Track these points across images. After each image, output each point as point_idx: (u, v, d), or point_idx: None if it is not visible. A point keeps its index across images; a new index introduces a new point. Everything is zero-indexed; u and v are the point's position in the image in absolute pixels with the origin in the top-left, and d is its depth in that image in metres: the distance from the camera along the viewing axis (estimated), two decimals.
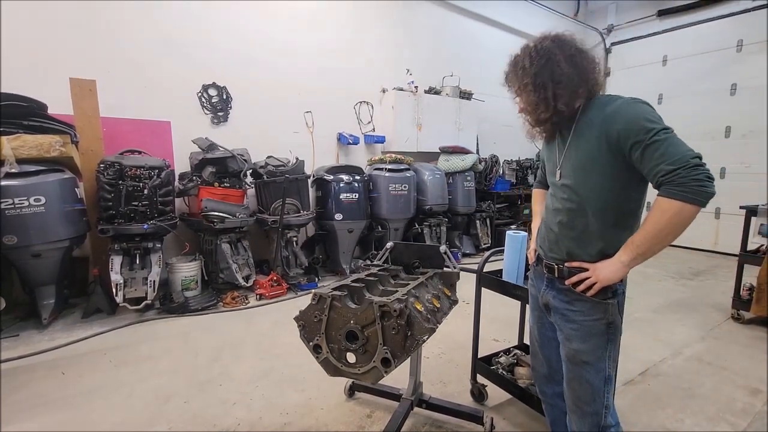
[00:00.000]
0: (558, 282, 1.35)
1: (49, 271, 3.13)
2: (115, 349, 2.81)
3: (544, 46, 1.25)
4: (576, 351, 1.30)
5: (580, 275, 1.26)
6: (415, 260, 2.02)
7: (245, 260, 4.03)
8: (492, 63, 6.83)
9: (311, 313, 1.45)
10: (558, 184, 1.34)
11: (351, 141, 5.25)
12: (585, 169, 1.24)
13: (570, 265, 1.30)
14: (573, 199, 1.28)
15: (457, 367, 2.59)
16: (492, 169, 6.31)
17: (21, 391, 2.27)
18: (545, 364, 1.53)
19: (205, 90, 4.36)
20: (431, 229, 5.22)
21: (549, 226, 1.38)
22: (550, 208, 1.38)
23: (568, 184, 1.29)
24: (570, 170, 1.28)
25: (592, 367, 1.28)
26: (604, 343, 1.28)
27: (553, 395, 1.55)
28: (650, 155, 1.10)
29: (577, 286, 1.27)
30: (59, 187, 3.01)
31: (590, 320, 1.27)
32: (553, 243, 1.36)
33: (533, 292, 1.51)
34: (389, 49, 5.72)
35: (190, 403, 2.19)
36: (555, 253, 1.35)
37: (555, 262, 1.34)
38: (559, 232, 1.33)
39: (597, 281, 1.22)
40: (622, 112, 1.16)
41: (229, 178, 3.99)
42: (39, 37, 3.50)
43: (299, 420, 2.05)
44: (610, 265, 1.21)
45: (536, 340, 1.53)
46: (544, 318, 1.47)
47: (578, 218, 1.27)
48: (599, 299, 1.26)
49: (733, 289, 3.47)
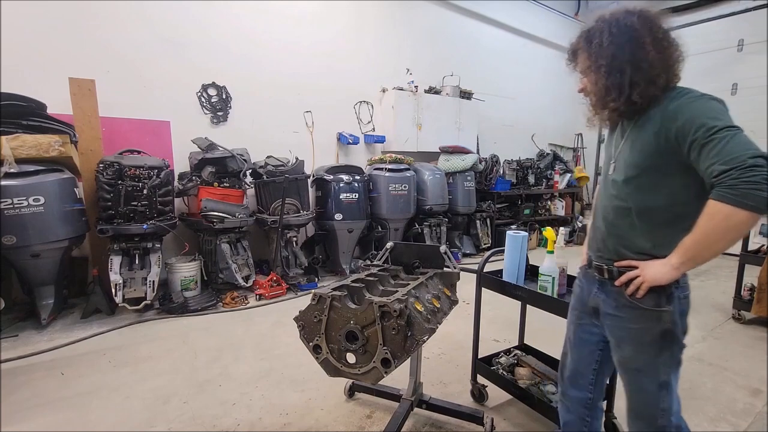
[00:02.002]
0: (609, 284, 1.26)
1: (49, 271, 3.13)
2: (115, 349, 2.81)
3: (628, 22, 1.10)
4: (626, 358, 1.24)
5: (628, 274, 1.18)
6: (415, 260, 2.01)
7: (245, 260, 4.02)
8: (492, 63, 6.85)
9: (311, 314, 1.45)
10: (609, 179, 1.25)
11: (351, 141, 5.24)
12: (638, 167, 1.15)
13: (619, 265, 1.22)
14: (622, 197, 1.20)
15: (457, 367, 2.58)
16: (492, 169, 6.30)
17: (20, 391, 2.27)
18: (572, 365, 1.45)
19: (204, 90, 4.36)
20: (431, 229, 5.21)
21: (596, 225, 1.31)
22: (599, 205, 1.30)
23: (619, 180, 1.20)
24: (623, 166, 1.19)
25: (644, 374, 1.22)
26: (657, 351, 1.19)
27: (574, 399, 1.47)
28: (706, 154, 0.99)
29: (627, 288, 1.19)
30: (58, 187, 3.01)
31: (640, 328, 1.19)
32: (600, 242, 1.28)
33: (577, 291, 1.43)
34: (389, 49, 5.71)
35: (190, 403, 2.18)
36: (603, 253, 1.28)
37: (604, 263, 1.27)
38: (606, 230, 1.26)
39: (644, 280, 1.14)
40: (684, 109, 1.06)
41: (228, 178, 3.99)
42: (38, 37, 3.49)
43: (299, 420, 2.04)
44: (659, 266, 1.13)
45: (570, 339, 1.46)
46: (584, 318, 1.40)
47: (626, 217, 1.20)
48: (650, 306, 1.17)
49: (733, 289, 3.46)
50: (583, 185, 7.78)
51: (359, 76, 5.47)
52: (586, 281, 1.38)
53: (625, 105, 1.14)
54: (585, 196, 8.14)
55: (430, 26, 6.11)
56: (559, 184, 7.10)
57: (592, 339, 1.38)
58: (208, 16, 4.28)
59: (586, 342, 1.39)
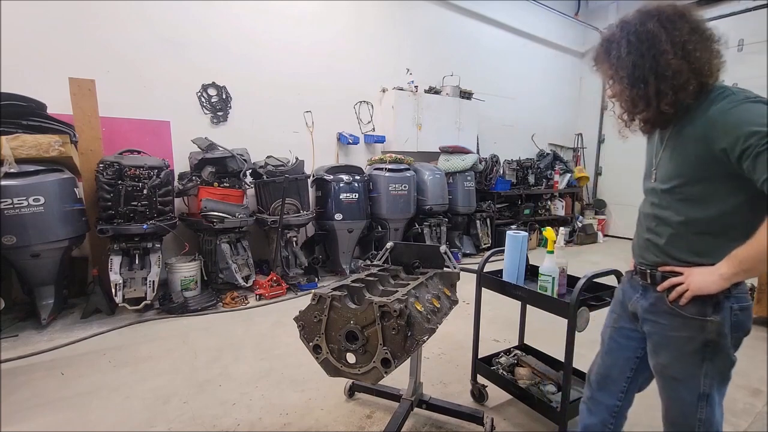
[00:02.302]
0: (651, 289, 1.22)
1: (48, 271, 3.13)
2: (115, 349, 2.81)
3: (647, 29, 1.05)
4: (662, 365, 1.20)
5: (672, 280, 1.14)
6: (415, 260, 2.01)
7: (245, 260, 4.02)
8: (492, 63, 6.84)
9: (311, 314, 1.45)
10: (650, 187, 1.22)
11: (351, 141, 5.24)
12: (681, 176, 1.10)
13: (663, 270, 1.18)
14: (663, 205, 1.16)
15: (457, 367, 2.58)
16: (492, 169, 6.30)
17: (20, 391, 2.27)
18: (604, 370, 1.40)
19: (204, 90, 4.36)
20: (431, 229, 5.21)
21: (639, 232, 1.29)
22: (642, 212, 1.28)
23: (661, 188, 1.16)
24: (664, 174, 1.15)
25: (681, 383, 1.16)
26: (699, 362, 1.13)
27: (600, 404, 1.41)
28: (763, 163, 0.93)
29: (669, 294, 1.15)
30: (58, 187, 3.01)
31: (680, 336, 1.15)
32: (644, 249, 1.26)
33: (619, 296, 1.39)
34: (389, 49, 5.71)
35: (190, 403, 2.18)
36: (645, 260, 1.25)
37: (647, 268, 1.24)
38: (648, 238, 1.23)
39: (688, 288, 1.10)
40: (729, 115, 0.99)
41: (228, 178, 3.99)
42: (38, 37, 3.49)
43: (299, 420, 2.04)
44: (706, 274, 1.08)
45: (605, 342, 1.41)
46: (622, 323, 1.35)
47: (667, 226, 1.16)
48: (692, 314, 1.11)
49: None
50: (583, 185, 7.79)
51: (359, 76, 5.46)
52: (630, 286, 1.34)
53: (655, 116, 1.09)
54: (585, 196, 8.14)
55: (430, 26, 6.11)
56: (559, 184, 7.10)
57: (629, 345, 1.33)
58: (208, 16, 4.28)
59: (623, 348, 1.35)
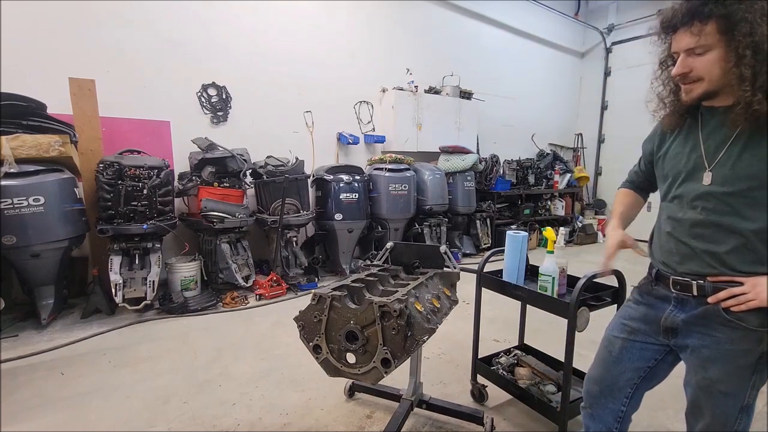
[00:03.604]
0: (695, 301, 1.12)
1: (48, 271, 3.13)
2: (115, 349, 2.81)
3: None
4: (712, 381, 1.10)
5: (731, 290, 1.04)
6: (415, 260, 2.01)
7: (245, 260, 4.02)
8: (492, 63, 6.85)
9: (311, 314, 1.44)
10: (699, 191, 1.09)
11: (351, 141, 5.24)
12: (753, 180, 1.00)
13: (716, 280, 1.07)
14: (726, 211, 1.04)
15: (457, 367, 2.58)
16: (492, 169, 6.30)
17: (21, 391, 2.27)
18: (611, 379, 1.33)
19: (204, 90, 4.36)
20: (431, 229, 5.21)
21: (678, 238, 1.15)
22: (679, 217, 1.14)
23: (722, 192, 1.04)
24: (731, 176, 1.03)
25: (730, 397, 1.10)
26: (750, 374, 1.07)
27: (605, 410, 1.36)
28: None
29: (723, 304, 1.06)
30: (58, 187, 3.01)
31: (738, 350, 1.06)
32: (688, 259, 1.13)
33: (641, 309, 1.28)
34: (389, 49, 5.71)
35: (190, 403, 2.18)
36: (689, 268, 1.12)
37: (692, 279, 1.11)
38: (700, 248, 1.10)
39: (757, 299, 1.00)
40: None
41: (228, 178, 3.99)
42: (38, 37, 3.49)
43: (299, 420, 2.04)
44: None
45: (613, 353, 1.32)
46: (639, 336, 1.27)
47: (729, 236, 1.05)
48: (755, 326, 1.03)
49: None
50: (583, 185, 7.79)
51: (359, 76, 5.46)
52: (652, 298, 1.25)
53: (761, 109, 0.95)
54: (585, 196, 8.14)
55: (430, 26, 6.11)
56: (559, 184, 7.10)
57: (644, 356, 1.28)
58: (208, 16, 4.28)
59: (636, 359, 1.28)
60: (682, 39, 1.01)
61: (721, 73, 0.99)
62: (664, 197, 1.22)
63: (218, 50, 4.38)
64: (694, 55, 1.00)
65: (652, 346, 1.26)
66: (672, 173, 1.18)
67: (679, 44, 1.01)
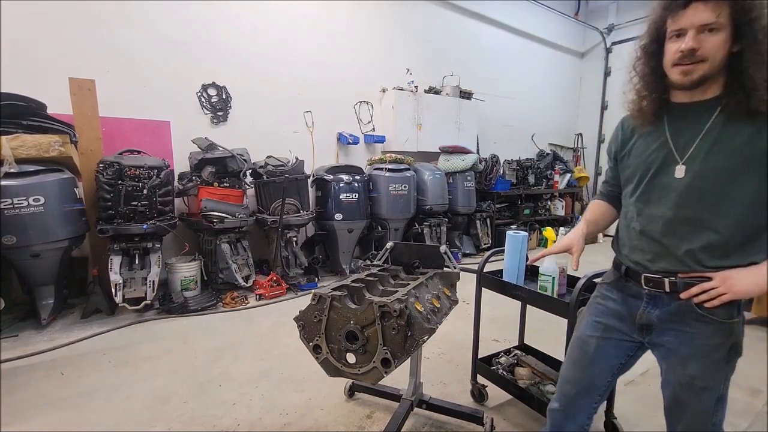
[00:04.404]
0: (667, 298, 1.13)
1: (48, 271, 3.13)
2: (115, 349, 2.81)
3: None
4: (693, 377, 1.11)
5: (702, 286, 1.04)
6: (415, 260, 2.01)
7: (245, 260, 4.02)
8: (492, 63, 6.84)
9: (311, 314, 1.44)
10: (673, 186, 1.08)
11: (351, 141, 5.24)
12: (726, 173, 1.01)
13: (686, 276, 1.08)
14: (698, 206, 1.05)
15: (457, 367, 2.58)
16: (492, 169, 6.30)
17: (20, 391, 2.27)
18: (589, 379, 1.32)
19: (204, 90, 4.35)
20: (431, 229, 5.21)
21: (651, 236, 1.14)
22: (651, 214, 1.14)
23: (694, 188, 1.05)
24: (705, 170, 1.03)
25: (708, 391, 1.11)
26: (724, 366, 1.11)
27: (578, 410, 1.36)
28: None
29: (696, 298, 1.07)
30: (58, 187, 3.01)
31: (712, 344, 1.09)
32: (660, 256, 1.13)
33: (612, 306, 1.28)
34: (389, 49, 5.71)
35: (190, 403, 2.18)
36: (658, 265, 1.13)
37: (663, 275, 1.12)
38: (670, 243, 1.10)
39: (729, 292, 1.01)
40: None
41: (228, 178, 3.99)
42: (38, 37, 3.49)
43: (299, 420, 2.04)
44: (753, 276, 1.00)
45: (588, 352, 1.31)
46: (613, 333, 1.26)
47: (701, 231, 1.06)
48: (724, 318, 1.07)
49: None
50: (583, 185, 7.79)
51: (359, 76, 5.46)
52: (624, 295, 1.24)
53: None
54: (585, 196, 8.14)
55: (431, 26, 6.11)
56: (559, 184, 7.11)
57: (617, 353, 1.28)
58: (209, 16, 4.28)
59: (611, 356, 1.29)
60: (699, 13, 0.96)
61: (723, 57, 0.98)
62: (632, 194, 1.20)
63: (218, 50, 4.38)
64: (706, 31, 0.97)
65: (626, 342, 1.26)
66: (640, 170, 1.17)
67: (693, 18, 0.97)
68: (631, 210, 1.21)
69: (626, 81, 1.20)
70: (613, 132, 1.33)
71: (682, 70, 1.02)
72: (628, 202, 1.23)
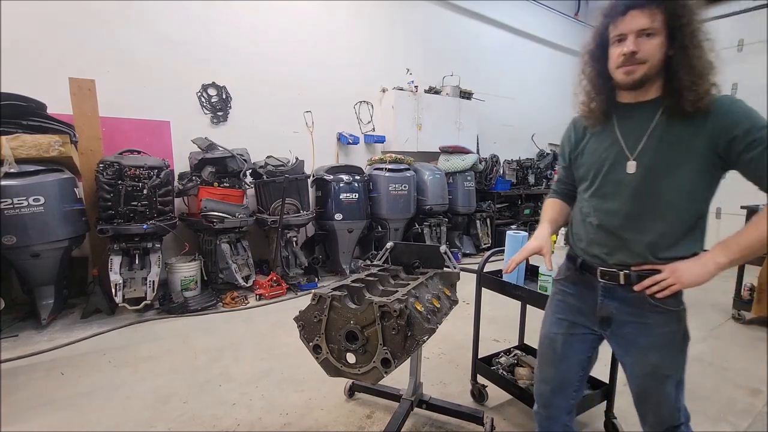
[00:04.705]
0: (621, 290, 1.18)
1: (48, 271, 3.13)
2: (115, 349, 2.81)
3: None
4: (656, 366, 1.17)
5: (653, 278, 1.10)
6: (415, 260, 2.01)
7: (245, 260, 4.02)
8: (492, 63, 6.85)
9: (311, 314, 1.44)
10: (626, 181, 1.14)
11: (351, 141, 5.24)
12: (672, 166, 1.08)
13: (639, 269, 1.14)
14: (646, 200, 1.12)
15: (457, 367, 2.58)
16: (492, 169, 6.31)
17: (21, 391, 2.27)
18: (560, 376, 1.36)
19: (204, 90, 4.36)
20: (431, 229, 5.21)
21: (608, 230, 1.19)
22: (607, 208, 1.19)
23: (645, 181, 1.11)
24: (653, 164, 1.10)
25: (670, 378, 1.17)
26: (681, 352, 1.18)
27: (557, 408, 1.39)
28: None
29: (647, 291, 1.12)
30: (58, 187, 3.01)
31: (667, 332, 1.15)
32: (615, 249, 1.18)
33: (571, 301, 1.32)
34: (389, 49, 5.71)
35: (190, 403, 2.18)
36: (615, 258, 1.18)
37: (618, 269, 1.17)
38: (627, 235, 1.15)
39: (677, 283, 1.07)
40: (737, 105, 1.05)
41: (228, 178, 3.99)
42: (38, 37, 3.49)
43: (299, 420, 2.04)
44: (697, 266, 1.06)
45: (557, 350, 1.34)
46: (577, 329, 1.30)
47: (653, 223, 1.12)
48: (675, 307, 1.14)
49: (733, 289, 3.46)
50: None
51: (359, 76, 5.47)
52: (581, 288, 1.29)
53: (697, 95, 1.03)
54: None
55: (430, 26, 6.12)
56: None
57: (583, 348, 1.32)
58: (209, 16, 4.28)
59: (578, 351, 1.32)
60: (636, 19, 1.05)
61: (661, 58, 1.06)
62: (587, 190, 1.25)
63: (218, 50, 4.38)
64: (644, 36, 1.05)
65: (590, 336, 1.30)
66: (594, 167, 1.22)
67: (631, 24, 1.06)
68: (586, 206, 1.26)
69: (576, 84, 1.27)
70: (564, 133, 1.42)
71: (625, 70, 1.09)
72: (583, 198, 1.28)
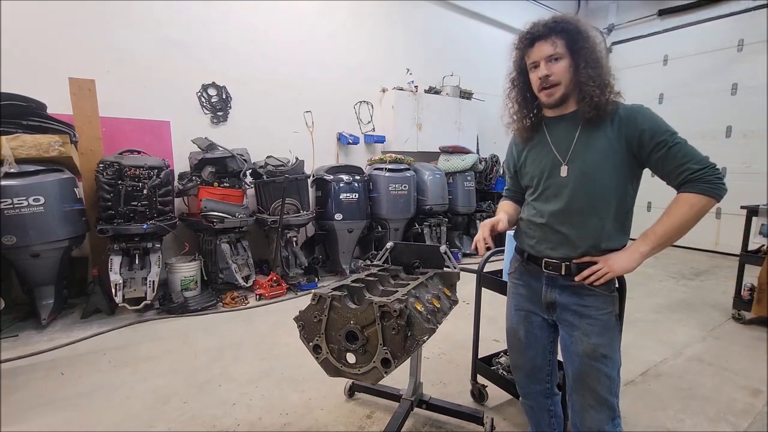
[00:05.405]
0: (563, 279, 1.33)
1: (48, 271, 3.13)
2: (115, 349, 2.81)
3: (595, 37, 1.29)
4: (596, 345, 1.29)
5: (590, 269, 1.26)
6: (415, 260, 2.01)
7: (245, 260, 4.02)
8: (492, 63, 6.84)
9: (311, 314, 1.44)
10: (562, 183, 1.30)
11: (351, 141, 5.24)
12: (598, 167, 1.25)
13: (578, 261, 1.29)
14: (581, 199, 1.27)
15: (457, 367, 2.58)
16: (492, 168, 6.30)
17: (21, 391, 2.27)
18: (530, 364, 1.52)
19: (204, 90, 4.36)
20: (431, 229, 5.21)
21: (552, 227, 1.34)
22: (549, 209, 1.34)
23: (578, 182, 1.27)
24: (581, 167, 1.27)
25: (610, 359, 1.29)
26: (617, 334, 1.32)
27: (536, 394, 1.56)
28: (674, 155, 1.18)
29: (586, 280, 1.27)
30: (58, 187, 3.01)
31: (604, 314, 1.29)
32: (558, 244, 1.33)
33: (523, 292, 1.48)
34: (389, 49, 5.71)
35: (190, 403, 2.18)
36: (559, 252, 1.32)
37: (561, 261, 1.32)
38: (566, 232, 1.30)
39: (610, 271, 1.24)
40: (643, 112, 1.23)
41: (228, 178, 3.99)
42: (38, 37, 3.49)
43: (299, 420, 2.04)
44: (625, 256, 1.24)
45: (521, 339, 1.51)
46: (533, 317, 1.46)
47: (589, 218, 1.28)
48: (608, 291, 1.29)
49: (733, 289, 3.46)
50: None
51: (359, 76, 5.47)
52: (529, 278, 1.45)
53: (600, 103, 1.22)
54: None
55: (430, 26, 6.11)
56: None
57: (543, 334, 1.47)
58: (209, 16, 4.28)
59: (539, 338, 1.47)
60: (542, 48, 1.26)
61: (570, 78, 1.25)
62: (532, 195, 1.42)
63: (218, 50, 4.38)
64: (552, 61, 1.25)
65: (545, 323, 1.46)
66: (536, 174, 1.39)
67: (540, 53, 1.26)
68: (533, 208, 1.41)
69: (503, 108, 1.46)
70: (507, 151, 1.62)
71: (546, 93, 1.28)
72: (529, 202, 1.45)
